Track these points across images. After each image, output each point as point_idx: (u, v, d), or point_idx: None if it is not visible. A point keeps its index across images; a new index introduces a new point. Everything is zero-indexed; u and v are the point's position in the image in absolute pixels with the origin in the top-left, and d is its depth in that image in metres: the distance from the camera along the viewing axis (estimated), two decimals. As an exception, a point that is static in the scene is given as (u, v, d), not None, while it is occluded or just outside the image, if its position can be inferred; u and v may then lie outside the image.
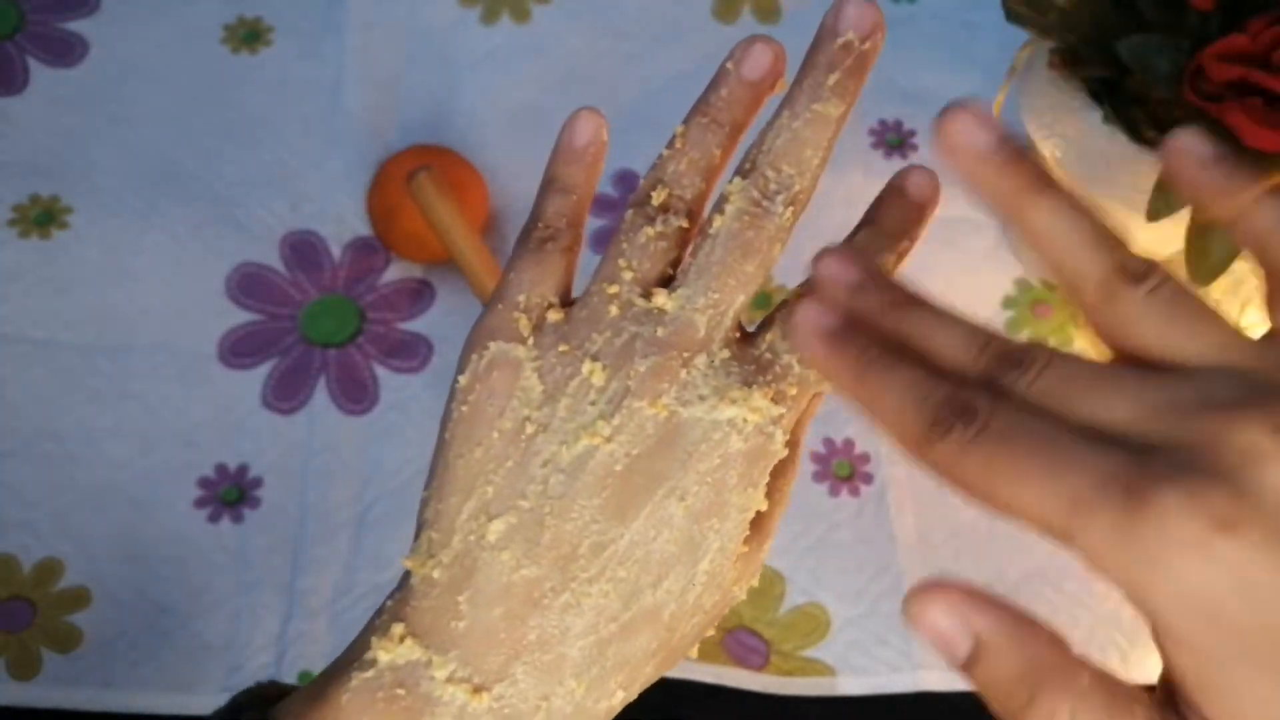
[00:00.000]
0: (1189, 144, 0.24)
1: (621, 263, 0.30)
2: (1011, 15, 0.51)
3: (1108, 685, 0.22)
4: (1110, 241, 0.24)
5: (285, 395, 0.56)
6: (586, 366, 0.29)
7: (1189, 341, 0.23)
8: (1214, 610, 0.20)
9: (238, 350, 0.57)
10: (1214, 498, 0.20)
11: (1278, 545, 0.19)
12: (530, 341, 0.30)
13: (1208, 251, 0.46)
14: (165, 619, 0.51)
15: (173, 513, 0.53)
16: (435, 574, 0.29)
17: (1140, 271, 0.23)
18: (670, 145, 0.32)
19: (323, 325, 0.58)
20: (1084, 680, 0.22)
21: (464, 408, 0.30)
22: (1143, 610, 0.21)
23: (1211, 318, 0.23)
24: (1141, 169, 0.48)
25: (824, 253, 0.25)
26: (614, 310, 0.30)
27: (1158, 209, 0.46)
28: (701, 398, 0.28)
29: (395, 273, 0.60)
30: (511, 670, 0.28)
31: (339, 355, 0.58)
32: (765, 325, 0.31)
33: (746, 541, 0.30)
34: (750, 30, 0.68)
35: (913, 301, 0.24)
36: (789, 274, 0.54)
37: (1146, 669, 0.50)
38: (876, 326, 0.24)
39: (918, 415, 0.22)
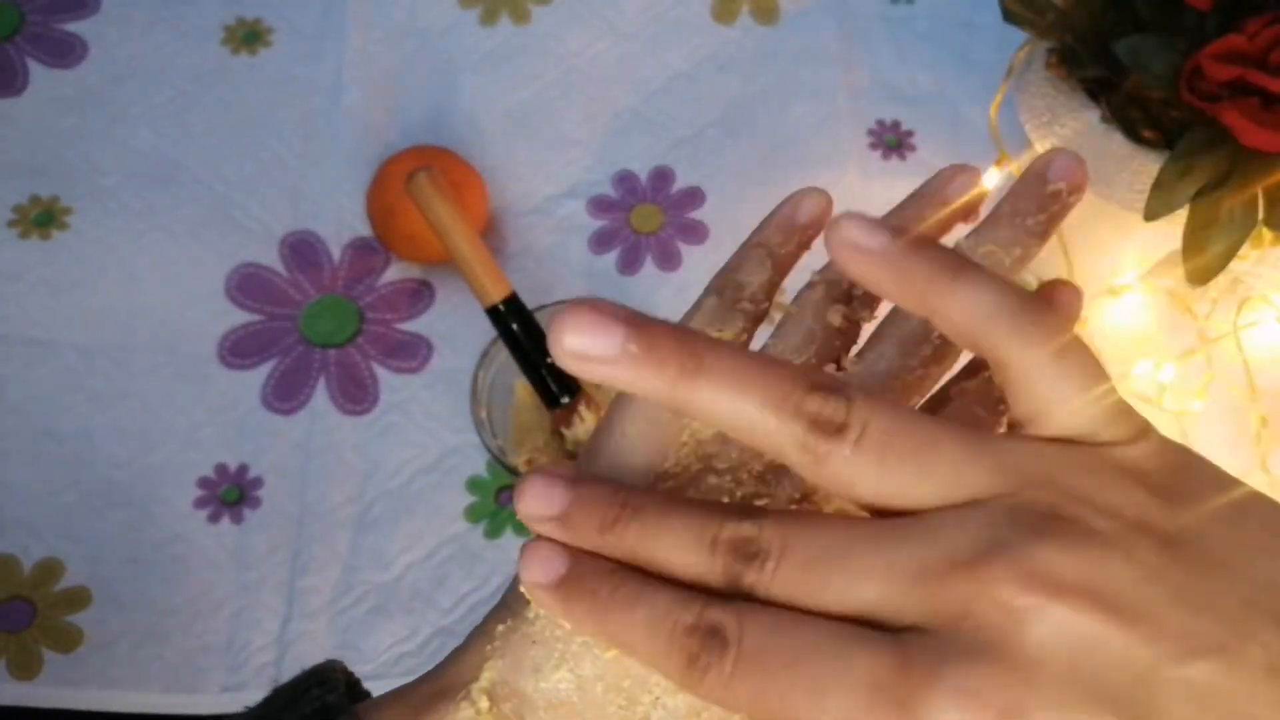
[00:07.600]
0: (854, 234, 0.21)
1: (797, 341, 0.27)
2: (1009, 15, 0.51)
3: None
4: (802, 385, 0.21)
5: (285, 395, 0.56)
6: None
7: (917, 485, 0.21)
8: None
9: (237, 350, 0.57)
10: (987, 688, 0.18)
11: (1069, 712, 0.18)
12: None
13: (1204, 250, 0.46)
14: (165, 619, 0.51)
15: (173, 513, 0.53)
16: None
17: (836, 423, 0.20)
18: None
19: (322, 325, 0.58)
20: None
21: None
22: None
23: (933, 450, 0.21)
24: (1139, 169, 0.49)
25: (524, 483, 0.22)
26: None
27: (1155, 209, 0.46)
28: None
29: (395, 273, 0.60)
30: None
31: (339, 355, 0.58)
32: None
33: None
34: (748, 32, 0.68)
35: (624, 512, 0.22)
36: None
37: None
38: (604, 554, 0.22)
39: (670, 651, 0.21)
